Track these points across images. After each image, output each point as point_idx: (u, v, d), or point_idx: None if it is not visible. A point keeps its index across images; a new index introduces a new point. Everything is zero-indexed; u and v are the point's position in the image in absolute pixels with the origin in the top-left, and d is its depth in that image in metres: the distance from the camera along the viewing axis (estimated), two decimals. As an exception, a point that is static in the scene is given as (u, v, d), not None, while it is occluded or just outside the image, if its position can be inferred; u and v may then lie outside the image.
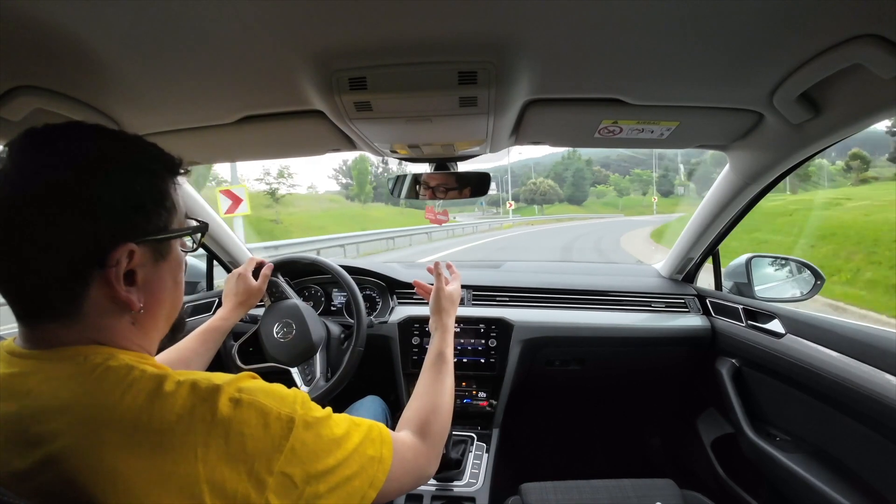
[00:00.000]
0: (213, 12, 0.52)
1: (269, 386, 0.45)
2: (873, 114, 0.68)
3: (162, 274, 0.46)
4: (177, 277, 0.49)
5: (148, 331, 0.47)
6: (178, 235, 0.48)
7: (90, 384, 0.38)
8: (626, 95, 0.75)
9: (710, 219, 1.18)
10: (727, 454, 1.22)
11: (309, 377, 1.10)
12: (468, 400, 1.26)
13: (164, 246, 0.46)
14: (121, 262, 0.41)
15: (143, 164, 0.44)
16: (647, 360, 1.37)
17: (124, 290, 0.42)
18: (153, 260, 0.45)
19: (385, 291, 1.41)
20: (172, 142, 0.89)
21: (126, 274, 0.42)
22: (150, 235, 0.44)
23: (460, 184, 1.08)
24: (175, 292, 0.49)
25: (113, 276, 0.40)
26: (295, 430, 0.42)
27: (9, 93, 0.64)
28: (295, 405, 0.44)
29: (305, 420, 0.44)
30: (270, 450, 0.40)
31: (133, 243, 0.41)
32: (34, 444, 0.35)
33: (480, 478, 1.03)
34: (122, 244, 0.41)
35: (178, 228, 0.48)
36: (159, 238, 0.45)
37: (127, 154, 0.43)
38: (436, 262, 0.95)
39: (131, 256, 0.41)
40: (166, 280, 0.47)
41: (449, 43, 0.59)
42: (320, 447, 0.44)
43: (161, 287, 0.47)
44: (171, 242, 0.47)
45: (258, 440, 0.40)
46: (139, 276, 0.43)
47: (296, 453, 0.42)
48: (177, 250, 0.49)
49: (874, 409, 0.75)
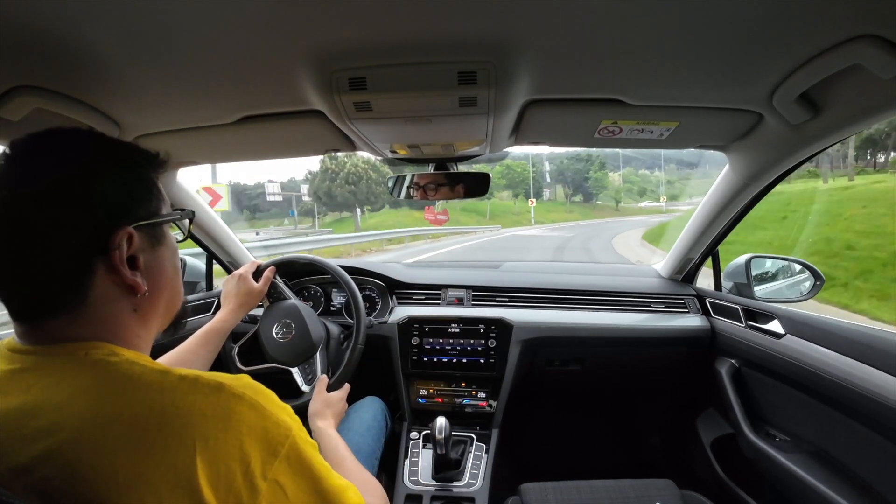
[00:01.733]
0: (213, 12, 0.52)
1: (269, 392, 0.45)
2: (873, 114, 0.68)
3: (161, 259, 0.49)
4: (175, 263, 0.52)
5: (149, 320, 0.48)
6: (169, 219, 0.51)
7: (90, 379, 0.38)
8: (626, 96, 0.75)
9: (710, 219, 1.18)
10: (726, 454, 1.22)
11: (310, 377, 1.10)
12: (468, 400, 1.26)
13: (159, 231, 0.49)
14: (122, 246, 0.43)
15: (130, 159, 0.47)
16: (647, 361, 1.37)
17: (129, 274, 0.43)
18: (151, 245, 0.47)
19: (385, 292, 1.41)
20: (172, 142, 0.89)
21: (128, 259, 0.44)
22: (144, 220, 0.46)
23: (459, 184, 1.08)
24: (174, 279, 0.52)
25: (117, 259, 0.42)
26: (291, 441, 0.42)
27: (8, 92, 0.64)
28: (291, 421, 0.44)
29: (300, 435, 0.44)
30: (267, 452, 0.40)
31: (130, 227, 0.44)
32: (34, 440, 0.35)
33: (480, 478, 1.03)
34: (121, 228, 0.43)
35: (168, 214, 0.50)
36: (153, 222, 0.47)
37: (115, 152, 0.46)
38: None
39: (130, 241, 0.44)
40: (166, 265, 0.50)
41: (448, 43, 0.59)
42: (313, 468, 0.44)
43: (161, 272, 0.49)
44: (165, 228, 0.50)
45: (257, 439, 0.40)
46: (140, 261, 0.45)
47: (290, 464, 0.42)
48: (171, 236, 0.52)
49: (873, 409, 0.75)
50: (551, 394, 1.63)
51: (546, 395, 1.63)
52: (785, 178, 1.00)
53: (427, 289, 1.43)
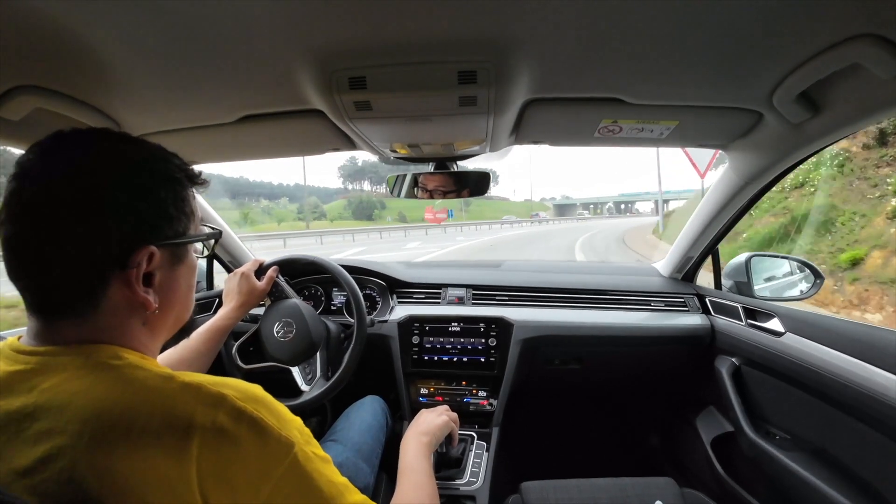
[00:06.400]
0: (213, 12, 0.52)
1: (276, 404, 0.44)
2: (872, 113, 0.68)
3: (177, 277, 0.48)
4: (190, 282, 0.51)
5: (157, 333, 0.48)
6: (195, 240, 0.50)
7: (93, 382, 0.38)
8: (626, 95, 0.75)
9: (710, 218, 1.19)
10: (727, 453, 1.22)
11: (310, 376, 1.10)
12: (468, 399, 1.26)
13: (182, 250, 0.48)
14: (141, 264, 0.42)
15: (167, 173, 0.46)
16: (647, 359, 1.37)
17: (142, 291, 0.43)
18: (170, 263, 0.47)
19: (385, 291, 1.41)
20: (172, 141, 0.89)
21: (144, 276, 0.43)
22: (170, 239, 0.45)
23: (459, 183, 1.08)
24: (187, 296, 0.51)
25: (133, 277, 0.42)
26: (291, 457, 0.41)
27: (9, 92, 0.64)
28: (298, 435, 0.43)
29: (304, 451, 0.43)
30: (258, 477, 0.39)
31: (153, 246, 0.43)
32: (36, 442, 0.35)
33: (481, 476, 1.03)
34: (144, 246, 0.42)
35: (195, 234, 0.50)
36: (178, 242, 0.47)
37: (152, 162, 0.45)
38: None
39: (151, 259, 0.43)
40: (181, 284, 0.49)
41: (448, 42, 0.59)
42: (314, 487, 0.42)
43: (175, 289, 0.48)
44: (188, 247, 0.49)
45: (249, 463, 0.39)
46: (156, 279, 0.45)
47: (288, 482, 0.41)
48: (192, 255, 0.51)
49: (874, 407, 0.75)
50: (552, 392, 1.63)
51: (546, 394, 1.63)
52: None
53: (427, 288, 1.43)
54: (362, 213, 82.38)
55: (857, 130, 0.75)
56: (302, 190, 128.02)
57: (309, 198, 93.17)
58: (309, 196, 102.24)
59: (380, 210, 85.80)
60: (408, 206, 70.24)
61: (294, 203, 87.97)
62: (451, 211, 38.08)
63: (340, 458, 0.93)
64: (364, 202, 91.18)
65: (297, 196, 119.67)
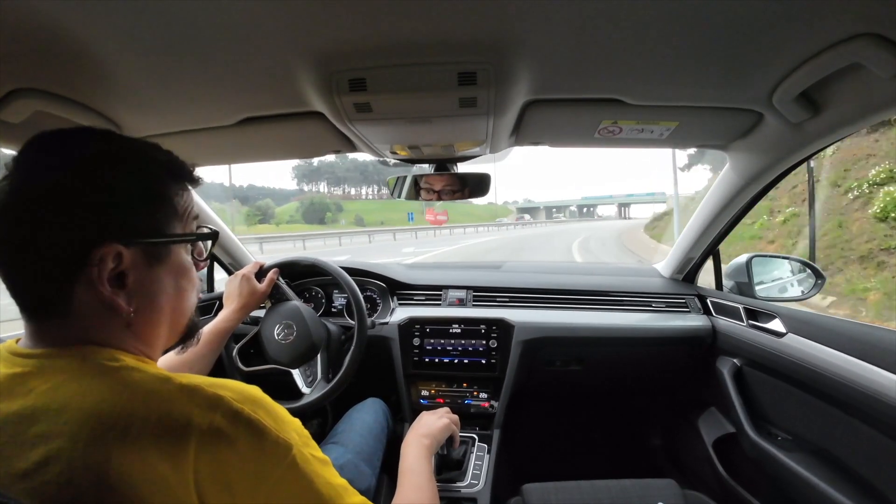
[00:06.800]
0: (213, 14, 0.52)
1: (274, 405, 0.43)
2: (873, 113, 0.68)
3: (158, 278, 0.45)
4: (179, 283, 0.48)
5: (145, 337, 0.46)
6: (176, 240, 0.47)
7: (90, 384, 0.38)
8: (626, 95, 0.75)
9: (711, 218, 1.18)
10: (729, 454, 1.22)
11: (310, 378, 1.10)
12: (469, 401, 1.26)
13: (162, 250, 0.46)
14: (105, 262, 0.41)
15: (141, 166, 0.44)
16: (648, 360, 1.37)
17: (108, 291, 0.41)
18: (147, 263, 0.44)
19: (385, 293, 1.41)
20: (173, 144, 0.88)
21: (117, 276, 0.42)
22: (142, 237, 0.43)
23: (460, 184, 1.08)
24: (178, 299, 0.48)
25: (95, 276, 0.40)
26: (289, 458, 0.41)
27: (9, 95, 0.64)
28: (296, 436, 0.43)
29: (302, 453, 0.42)
30: (256, 479, 0.39)
31: (120, 244, 0.41)
32: (34, 445, 0.35)
33: (482, 478, 1.03)
34: (107, 244, 0.41)
35: (181, 234, 0.47)
36: (154, 242, 0.44)
37: (124, 156, 0.44)
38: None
39: (119, 258, 0.41)
40: (164, 285, 0.46)
41: (448, 44, 0.59)
42: (313, 489, 0.42)
43: (157, 291, 0.46)
44: (172, 247, 0.46)
45: (246, 464, 0.39)
46: (130, 279, 0.43)
47: (285, 484, 0.41)
48: (179, 255, 0.48)
49: (876, 407, 0.75)
50: (553, 394, 1.63)
51: (547, 396, 1.63)
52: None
53: (428, 289, 1.43)
54: (314, 216, 78.00)
55: (857, 130, 0.75)
56: (257, 192, 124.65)
57: (263, 200, 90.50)
58: (263, 198, 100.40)
59: (334, 213, 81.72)
60: (365, 210, 68.17)
61: (247, 206, 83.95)
62: (412, 214, 37.37)
63: (342, 461, 0.93)
64: (316, 204, 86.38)
65: (251, 198, 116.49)
